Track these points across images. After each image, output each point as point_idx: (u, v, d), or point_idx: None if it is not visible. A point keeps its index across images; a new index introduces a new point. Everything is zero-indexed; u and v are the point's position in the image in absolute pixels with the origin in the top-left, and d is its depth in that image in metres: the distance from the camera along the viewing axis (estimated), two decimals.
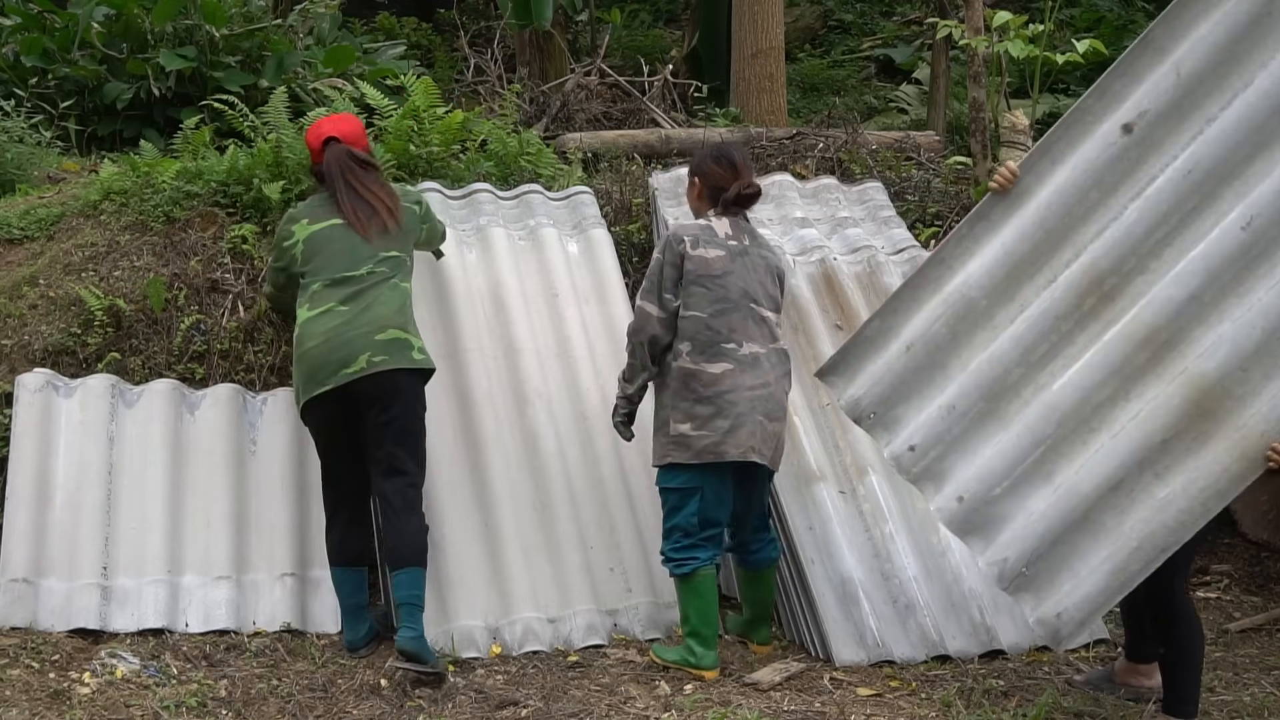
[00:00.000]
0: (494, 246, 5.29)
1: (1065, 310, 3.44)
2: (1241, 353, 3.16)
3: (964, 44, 6.12)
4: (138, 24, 7.50)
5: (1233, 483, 3.15)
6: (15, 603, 4.33)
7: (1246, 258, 3.27)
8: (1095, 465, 3.34)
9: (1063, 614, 3.16)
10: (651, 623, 4.62)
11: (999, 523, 3.48)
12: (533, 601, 4.51)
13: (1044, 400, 3.47)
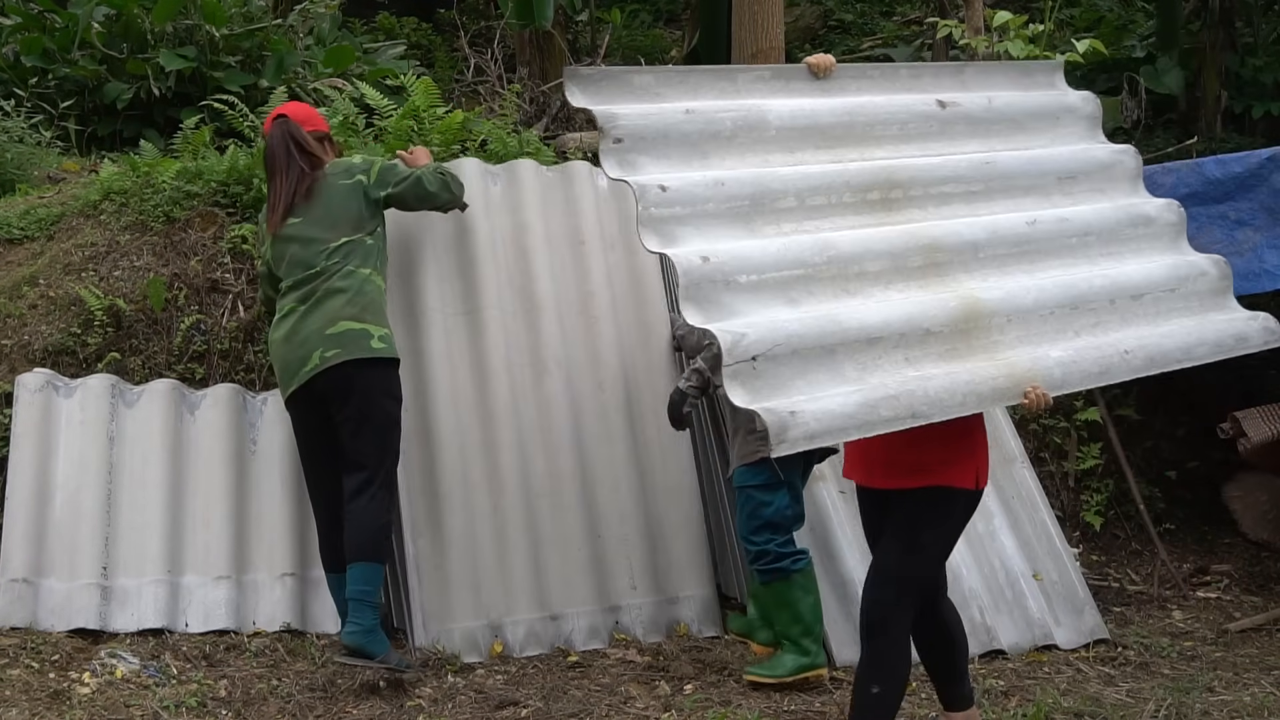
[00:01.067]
0: (521, 180, 5.07)
1: (850, 185, 3.19)
2: (1013, 306, 3.11)
3: (964, 44, 6.12)
4: (138, 24, 7.50)
5: (995, 394, 3.01)
6: (15, 603, 4.32)
7: (1032, 246, 3.27)
8: (855, 309, 3.00)
9: (798, 413, 2.66)
10: (654, 624, 4.62)
11: (739, 310, 2.93)
12: (537, 600, 4.50)
13: (812, 231, 3.11)
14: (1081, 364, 3.05)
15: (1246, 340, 3.35)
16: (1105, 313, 3.22)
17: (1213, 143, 8.62)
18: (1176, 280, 3.39)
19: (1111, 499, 5.77)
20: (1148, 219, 3.52)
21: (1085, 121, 3.67)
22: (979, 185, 3.27)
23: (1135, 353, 3.13)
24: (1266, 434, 5.14)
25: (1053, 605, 4.74)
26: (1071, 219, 3.35)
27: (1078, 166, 3.52)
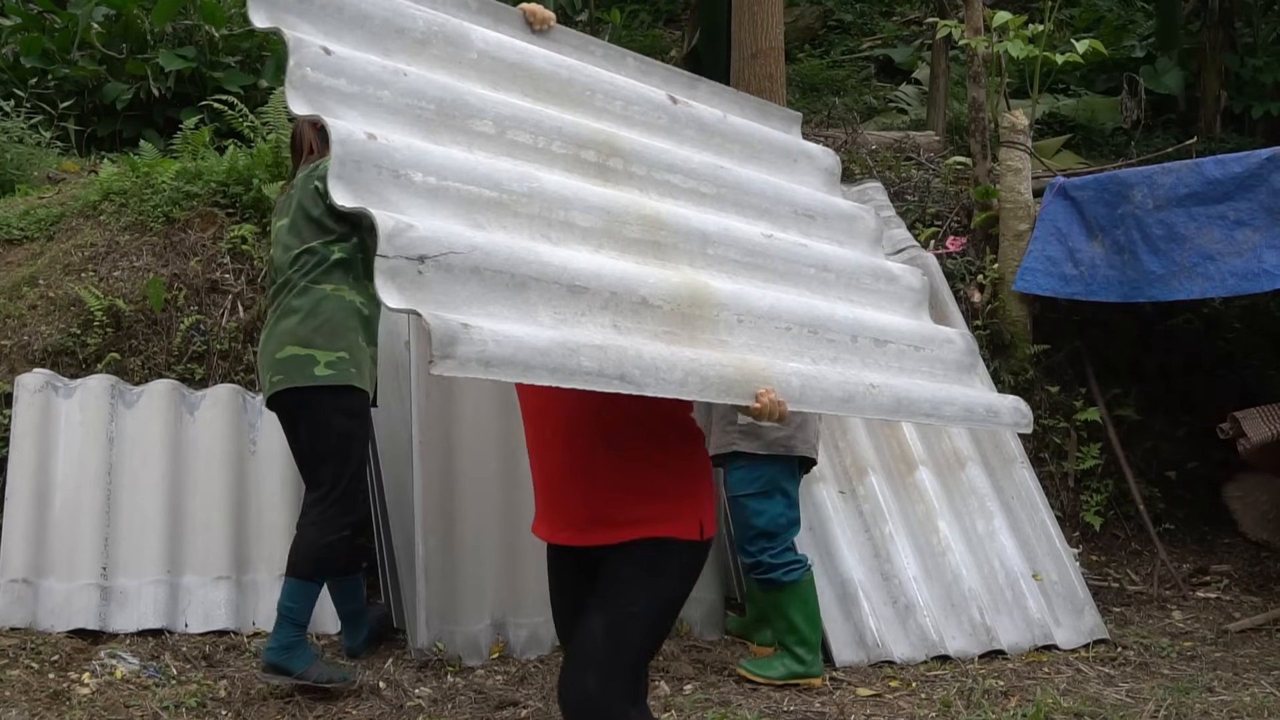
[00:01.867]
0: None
1: (563, 134, 2.67)
2: (746, 306, 2.62)
3: (964, 44, 6.12)
4: (137, 24, 7.50)
5: (723, 385, 2.43)
6: (15, 603, 4.32)
7: (767, 261, 2.83)
8: (553, 250, 2.42)
9: (473, 329, 2.05)
10: None
11: (407, 213, 2.29)
12: (542, 602, 4.46)
13: (519, 164, 2.56)
14: (824, 383, 2.60)
15: (998, 415, 2.97)
16: (846, 348, 2.80)
17: (1212, 143, 8.63)
18: (923, 340, 2.99)
19: (1111, 499, 5.77)
20: (891, 276, 3.11)
21: (823, 174, 3.32)
22: (710, 188, 2.88)
23: (882, 390, 2.71)
24: (1266, 434, 5.14)
25: (1053, 605, 4.75)
26: (811, 248, 2.94)
27: (818, 209, 3.13)
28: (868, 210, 3.28)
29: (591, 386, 2.24)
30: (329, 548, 3.89)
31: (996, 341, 5.75)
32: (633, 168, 2.77)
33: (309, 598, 3.91)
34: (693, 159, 2.90)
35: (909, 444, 4.98)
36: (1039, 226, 5.63)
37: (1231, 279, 5.01)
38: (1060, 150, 8.61)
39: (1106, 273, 5.39)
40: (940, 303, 5.44)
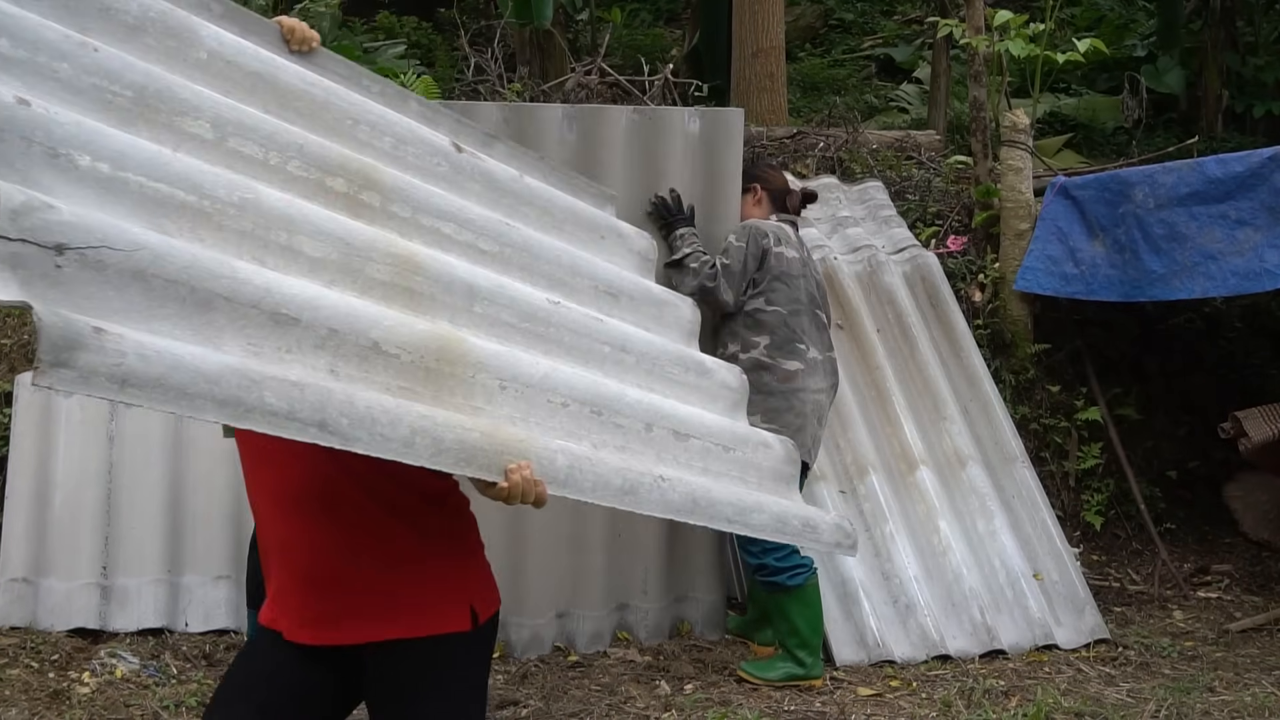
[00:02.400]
0: (605, 125, 4.48)
1: (305, 154, 2.23)
2: (514, 372, 2.19)
3: (965, 43, 6.12)
4: None
5: (463, 451, 1.99)
6: (15, 602, 4.32)
7: (552, 331, 2.40)
8: (259, 271, 1.96)
9: (110, 334, 1.60)
10: (658, 628, 4.61)
11: (57, 196, 1.82)
12: (546, 602, 4.47)
13: (238, 175, 2.10)
14: (599, 469, 2.18)
15: (816, 530, 2.59)
16: (638, 436, 2.38)
17: (1214, 142, 8.62)
18: (734, 441, 2.59)
19: (1112, 499, 5.77)
20: (704, 369, 2.73)
21: (636, 256, 2.94)
22: (491, 245, 2.44)
23: (675, 485, 2.31)
24: (1267, 434, 5.14)
25: (1053, 605, 4.74)
26: (609, 324, 2.54)
27: (625, 288, 2.73)
28: (686, 301, 2.92)
29: (278, 431, 1.78)
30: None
31: (997, 341, 5.75)
32: (392, 206, 2.30)
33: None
34: (471, 210, 2.46)
35: (909, 443, 4.98)
36: (1040, 226, 5.62)
37: (1233, 278, 5.01)
38: (1061, 149, 8.60)
39: (1107, 272, 5.38)
40: (941, 302, 5.44)
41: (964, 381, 5.25)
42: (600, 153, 4.43)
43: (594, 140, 4.44)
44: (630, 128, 4.51)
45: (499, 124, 4.31)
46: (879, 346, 5.20)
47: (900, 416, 5.03)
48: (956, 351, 5.32)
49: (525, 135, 4.31)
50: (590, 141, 4.43)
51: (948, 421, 5.07)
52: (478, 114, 4.32)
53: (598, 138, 4.44)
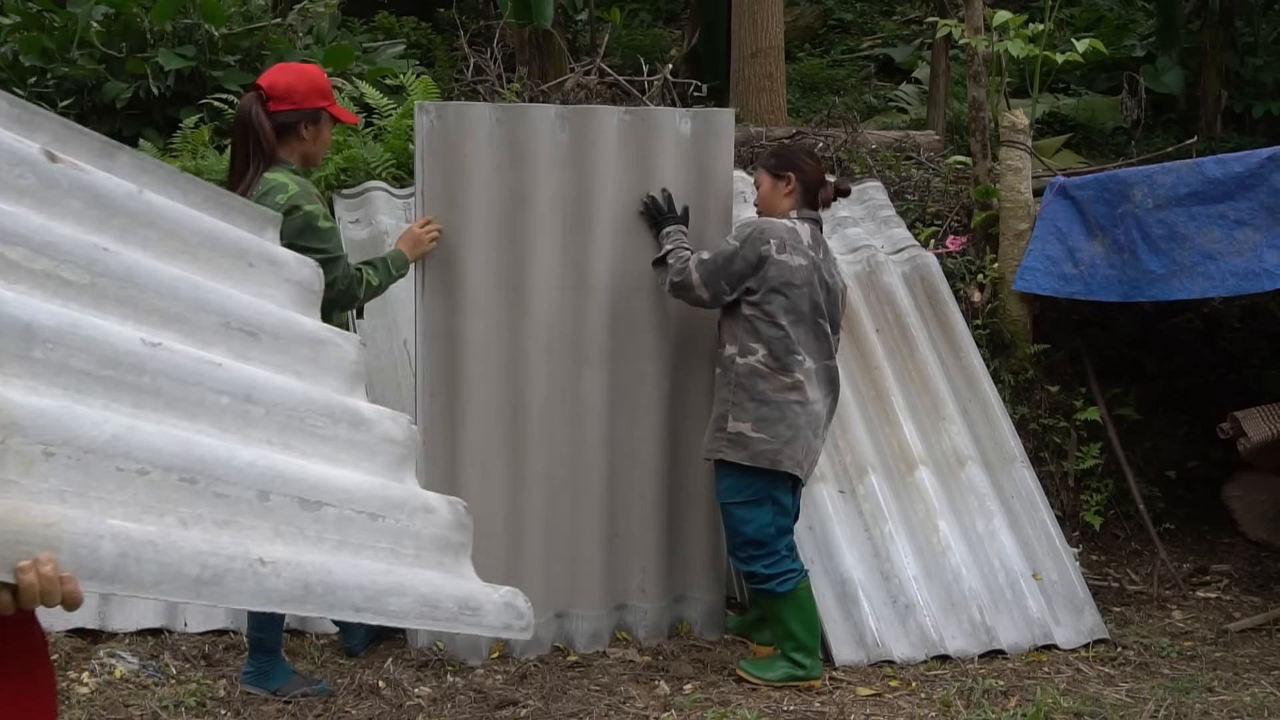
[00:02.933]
0: (597, 126, 4.46)
1: None
2: (67, 435, 1.77)
3: (964, 43, 6.11)
4: (137, 23, 7.49)
5: None
6: None
7: (146, 378, 1.95)
8: None
9: None
10: (657, 627, 4.61)
11: None
12: (545, 602, 4.46)
13: None
14: (168, 554, 1.79)
15: (478, 613, 2.23)
16: (250, 510, 1.98)
17: (1213, 142, 8.63)
18: (386, 506, 2.20)
19: (1111, 499, 5.77)
20: (360, 420, 2.32)
21: (295, 287, 2.49)
22: (80, 274, 2.00)
23: (282, 568, 1.94)
24: (1266, 434, 5.14)
25: (1052, 605, 4.74)
26: (230, 369, 2.13)
27: (269, 325, 2.31)
28: (350, 339, 2.48)
29: None
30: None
31: (996, 341, 5.75)
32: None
33: (274, 625, 3.96)
34: (57, 231, 2.00)
35: (909, 443, 4.98)
36: (1039, 226, 5.62)
37: (1232, 278, 5.01)
38: (1060, 149, 8.60)
39: (1106, 272, 5.38)
40: (940, 302, 5.44)
41: (963, 381, 5.25)
42: (592, 153, 4.42)
43: (586, 141, 4.42)
44: (622, 128, 4.49)
45: (491, 125, 4.29)
46: (878, 346, 5.20)
47: (899, 416, 5.03)
48: (956, 351, 5.32)
49: (517, 136, 4.30)
50: (582, 142, 4.42)
51: (947, 421, 5.08)
52: (469, 114, 4.30)
53: (589, 138, 4.43)
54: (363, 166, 5.59)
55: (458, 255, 4.25)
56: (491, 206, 4.30)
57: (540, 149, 4.31)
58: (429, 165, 4.23)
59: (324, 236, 3.74)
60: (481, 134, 4.26)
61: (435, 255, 4.25)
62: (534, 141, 4.32)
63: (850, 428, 4.95)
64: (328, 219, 3.81)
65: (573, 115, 4.46)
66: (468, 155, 4.24)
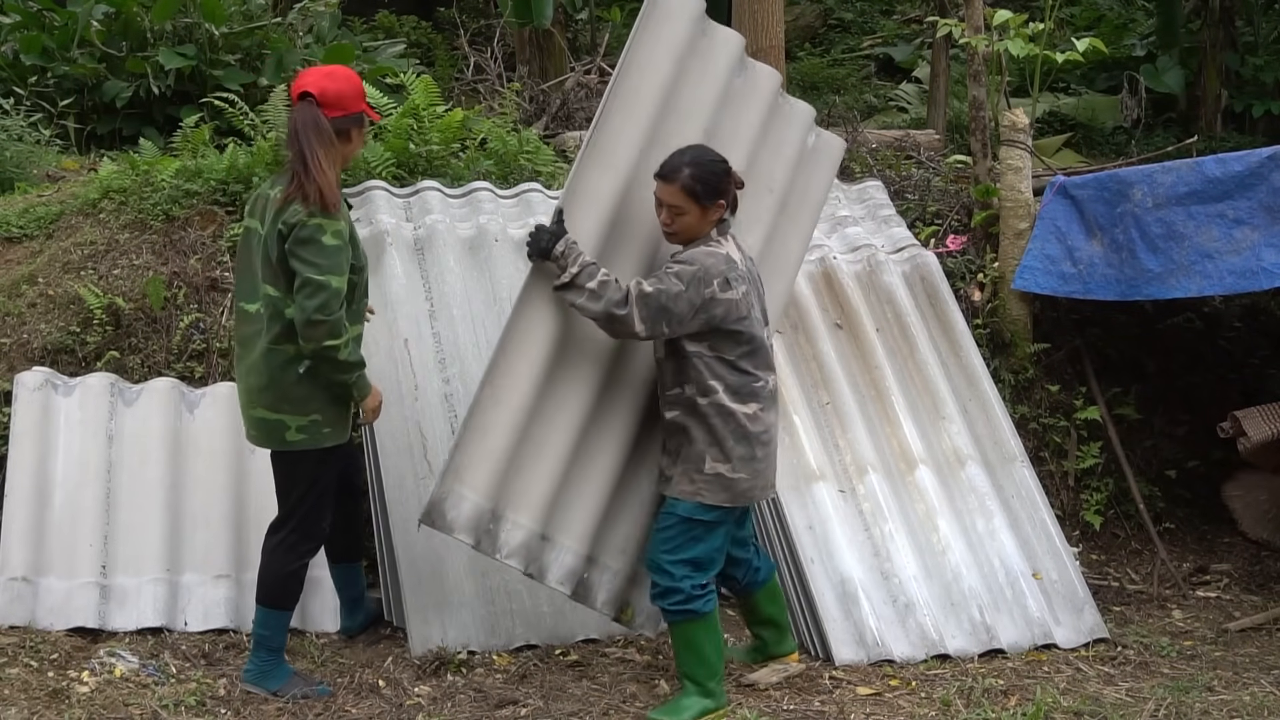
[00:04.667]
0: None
1: None
2: None
3: (964, 42, 6.11)
4: (137, 22, 7.50)
5: None
6: (14, 601, 4.32)
7: None
8: None
9: None
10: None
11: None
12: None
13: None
14: None
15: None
16: None
17: (1213, 141, 8.63)
18: None
19: (1111, 498, 5.77)
20: None
21: None
22: None
23: None
24: (1266, 433, 5.14)
25: (1052, 604, 4.74)
26: None
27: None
28: None
29: None
30: (291, 576, 3.98)
31: (996, 340, 5.75)
32: None
33: (280, 624, 3.98)
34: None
35: (909, 443, 4.98)
36: (1038, 225, 5.62)
37: (1230, 277, 5.01)
38: (1061, 149, 8.60)
39: (1105, 271, 5.38)
40: (940, 302, 5.44)
41: (963, 381, 5.25)
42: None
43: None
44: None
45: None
46: (878, 346, 5.20)
47: (899, 416, 5.03)
48: (956, 351, 5.32)
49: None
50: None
51: (947, 421, 5.08)
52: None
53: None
54: (363, 166, 5.59)
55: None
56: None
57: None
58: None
59: (317, 251, 3.67)
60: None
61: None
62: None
63: (850, 427, 4.95)
64: (337, 239, 3.70)
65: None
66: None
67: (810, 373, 5.07)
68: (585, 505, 3.98)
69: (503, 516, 3.82)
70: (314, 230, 3.65)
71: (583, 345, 3.96)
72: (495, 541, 3.81)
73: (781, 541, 4.65)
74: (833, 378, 5.06)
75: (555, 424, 3.91)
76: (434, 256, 5.09)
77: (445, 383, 4.80)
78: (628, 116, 4.07)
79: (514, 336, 3.85)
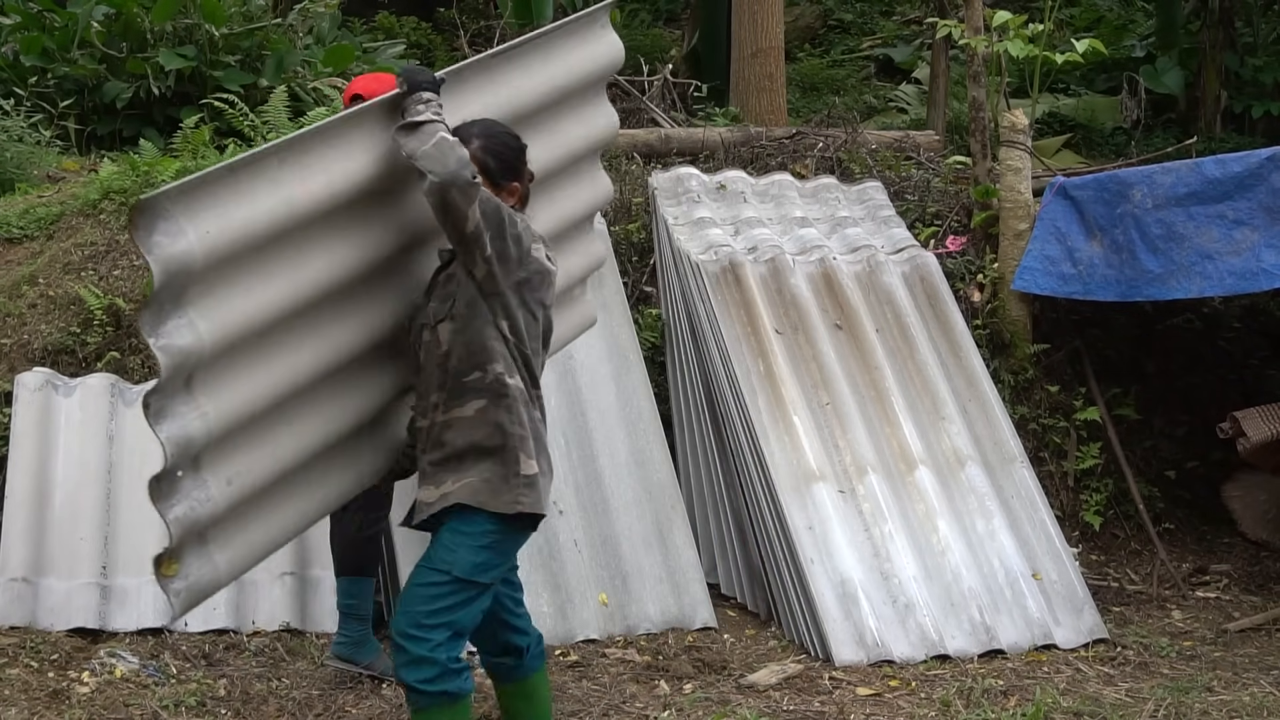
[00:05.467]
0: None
1: None
2: None
3: (963, 43, 6.12)
4: (137, 23, 7.50)
5: None
6: (14, 602, 4.32)
7: None
8: None
9: None
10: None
11: None
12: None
13: None
14: None
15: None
16: None
17: (1212, 142, 8.64)
18: None
19: (1111, 499, 5.77)
20: None
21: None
22: None
23: None
24: (1266, 434, 5.14)
25: (1052, 605, 4.74)
26: None
27: None
28: None
29: None
30: (366, 542, 4.06)
31: (996, 341, 5.75)
32: None
33: (364, 591, 4.07)
34: None
35: (909, 443, 4.98)
36: (1038, 226, 5.63)
37: (1229, 278, 5.01)
38: (1060, 150, 8.61)
39: (1105, 272, 5.39)
40: (940, 302, 5.44)
41: (963, 381, 5.25)
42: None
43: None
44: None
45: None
46: (878, 346, 5.20)
47: (899, 416, 5.03)
48: (955, 351, 5.32)
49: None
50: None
51: (947, 422, 5.08)
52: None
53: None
54: None
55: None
56: None
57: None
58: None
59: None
60: None
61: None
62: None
63: (850, 428, 4.95)
64: None
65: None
66: None
67: (810, 373, 5.07)
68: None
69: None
70: None
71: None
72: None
73: (781, 542, 4.65)
74: (832, 378, 5.06)
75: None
76: None
77: None
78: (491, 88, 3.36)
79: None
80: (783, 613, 4.71)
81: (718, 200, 5.84)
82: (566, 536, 4.68)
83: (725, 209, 5.79)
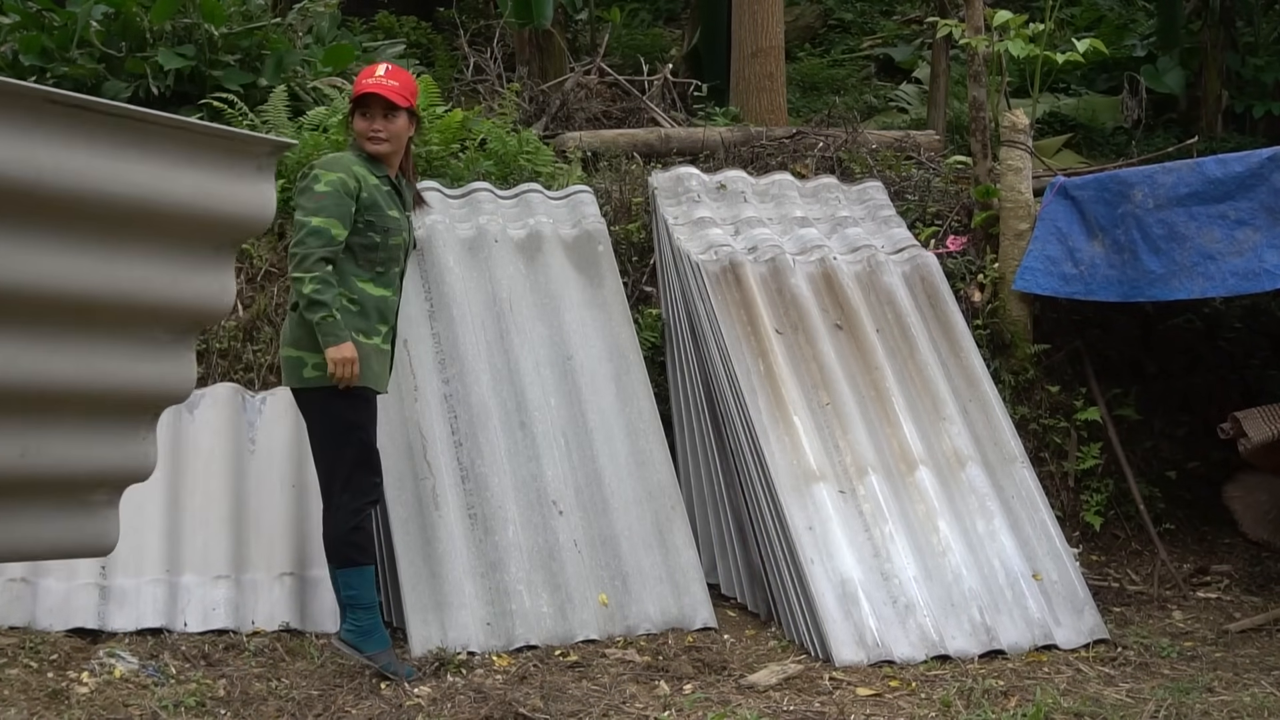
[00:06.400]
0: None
1: None
2: None
3: (964, 43, 6.11)
4: (136, 23, 7.49)
5: None
6: (13, 602, 4.32)
7: None
8: None
9: None
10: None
11: None
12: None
13: None
14: None
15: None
16: None
17: (1213, 142, 8.62)
18: None
19: (1111, 499, 5.77)
20: None
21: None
22: None
23: None
24: (1266, 434, 5.13)
25: (1052, 605, 4.74)
26: None
27: None
28: None
29: None
30: (352, 532, 4.08)
31: (997, 341, 5.74)
32: None
33: (364, 580, 4.09)
34: None
35: (909, 444, 4.97)
36: (1039, 226, 5.62)
37: (1232, 278, 5.01)
38: (1061, 149, 8.60)
39: (1106, 272, 5.38)
40: (941, 302, 5.43)
41: (963, 382, 5.24)
42: None
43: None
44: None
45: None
46: (878, 347, 5.19)
47: (900, 417, 5.03)
48: (956, 352, 5.32)
49: None
50: None
51: (947, 422, 5.07)
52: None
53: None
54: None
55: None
56: None
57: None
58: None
59: (308, 196, 4.04)
60: None
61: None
62: None
63: (850, 428, 4.95)
64: (329, 185, 4.02)
65: None
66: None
67: (810, 373, 5.06)
68: None
69: None
70: (311, 179, 4.06)
71: None
72: None
73: (781, 542, 4.64)
74: (833, 378, 5.05)
75: None
76: (433, 257, 5.09)
77: (445, 383, 4.82)
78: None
79: None
80: (783, 613, 4.71)
81: (718, 200, 5.83)
82: (566, 536, 4.68)
83: (725, 209, 5.78)
